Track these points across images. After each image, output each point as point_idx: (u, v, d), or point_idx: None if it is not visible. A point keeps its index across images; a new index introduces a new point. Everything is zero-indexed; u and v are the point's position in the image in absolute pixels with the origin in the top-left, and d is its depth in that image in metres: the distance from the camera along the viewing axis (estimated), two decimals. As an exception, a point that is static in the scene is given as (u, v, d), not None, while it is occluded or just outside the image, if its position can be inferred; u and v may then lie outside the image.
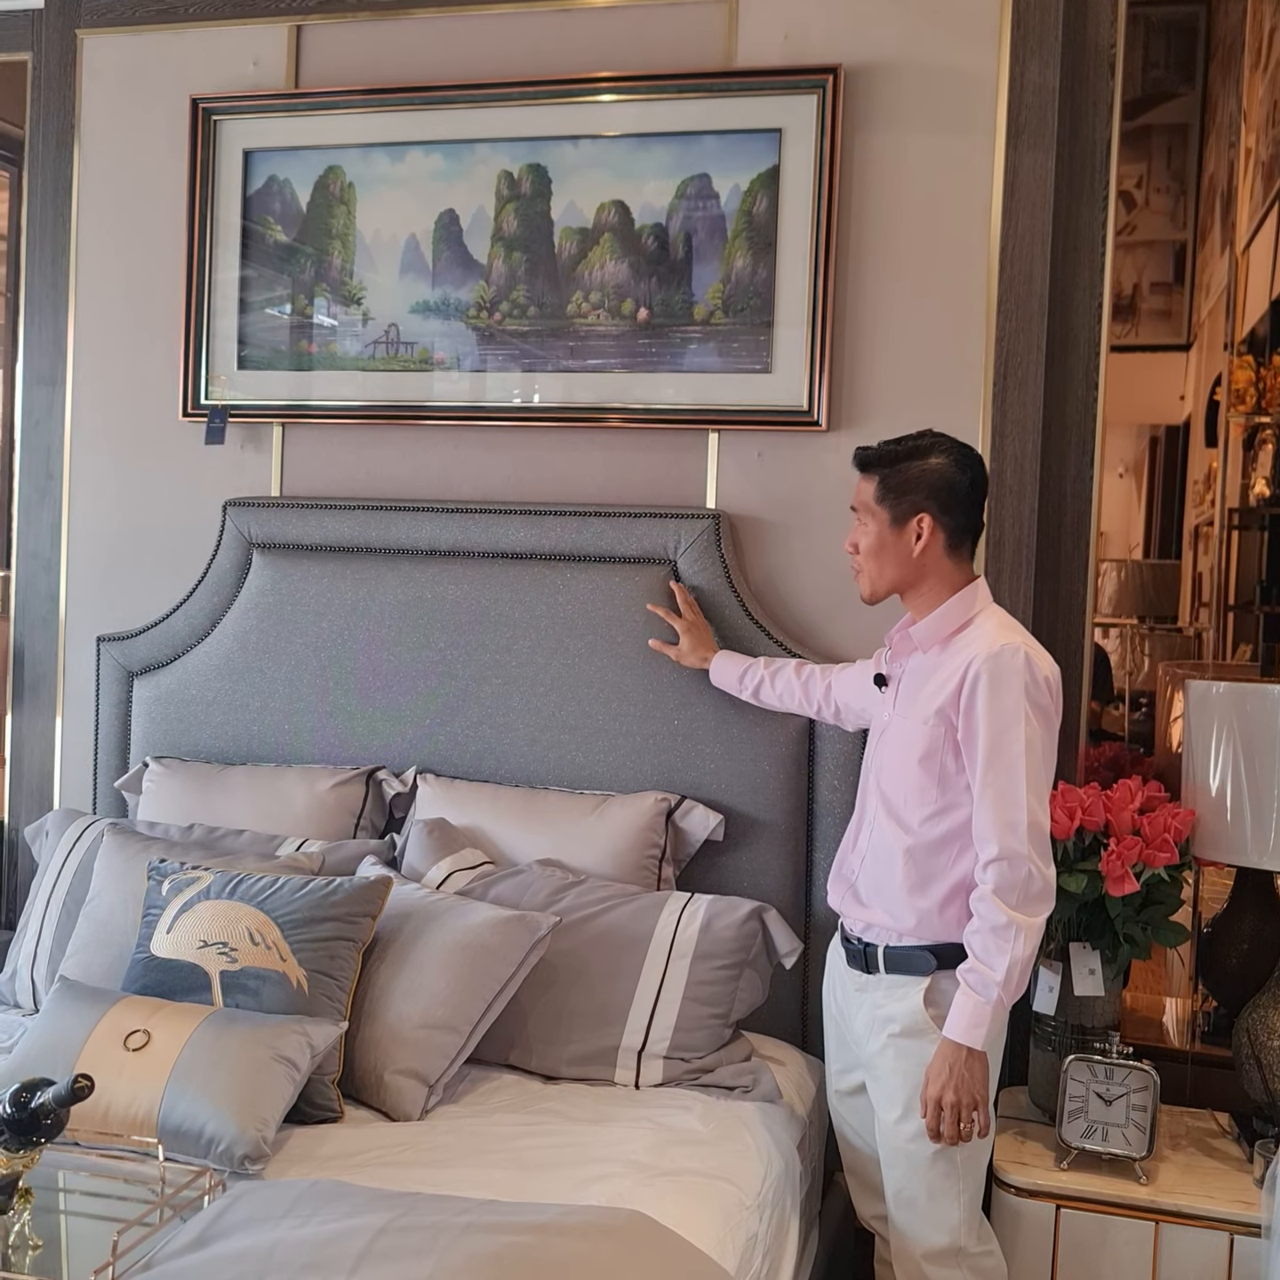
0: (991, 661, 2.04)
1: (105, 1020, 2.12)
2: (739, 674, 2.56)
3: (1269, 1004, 2.35)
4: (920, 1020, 2.09)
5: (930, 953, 2.10)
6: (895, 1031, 2.11)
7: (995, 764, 2.02)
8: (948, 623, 2.14)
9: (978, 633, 2.10)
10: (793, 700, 2.51)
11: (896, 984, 2.12)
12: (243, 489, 3.05)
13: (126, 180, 3.13)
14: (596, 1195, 1.92)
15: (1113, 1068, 2.30)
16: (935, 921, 2.10)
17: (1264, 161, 3.02)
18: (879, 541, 2.16)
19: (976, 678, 2.04)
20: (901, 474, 2.14)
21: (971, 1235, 2.14)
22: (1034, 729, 2.03)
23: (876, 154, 2.69)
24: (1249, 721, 2.32)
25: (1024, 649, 2.05)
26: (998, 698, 2.03)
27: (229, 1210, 1.75)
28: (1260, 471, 3.01)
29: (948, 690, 2.08)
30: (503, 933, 2.33)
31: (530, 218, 2.86)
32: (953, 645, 2.12)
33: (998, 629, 2.10)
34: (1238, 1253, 2.19)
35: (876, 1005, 2.15)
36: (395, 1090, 2.21)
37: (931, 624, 2.15)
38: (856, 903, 2.19)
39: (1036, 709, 2.04)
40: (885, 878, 2.14)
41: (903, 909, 2.12)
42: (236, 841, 2.68)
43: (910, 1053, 2.10)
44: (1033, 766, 2.02)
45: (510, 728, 2.78)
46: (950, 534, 2.14)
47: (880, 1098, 2.16)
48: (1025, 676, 2.03)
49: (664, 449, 2.82)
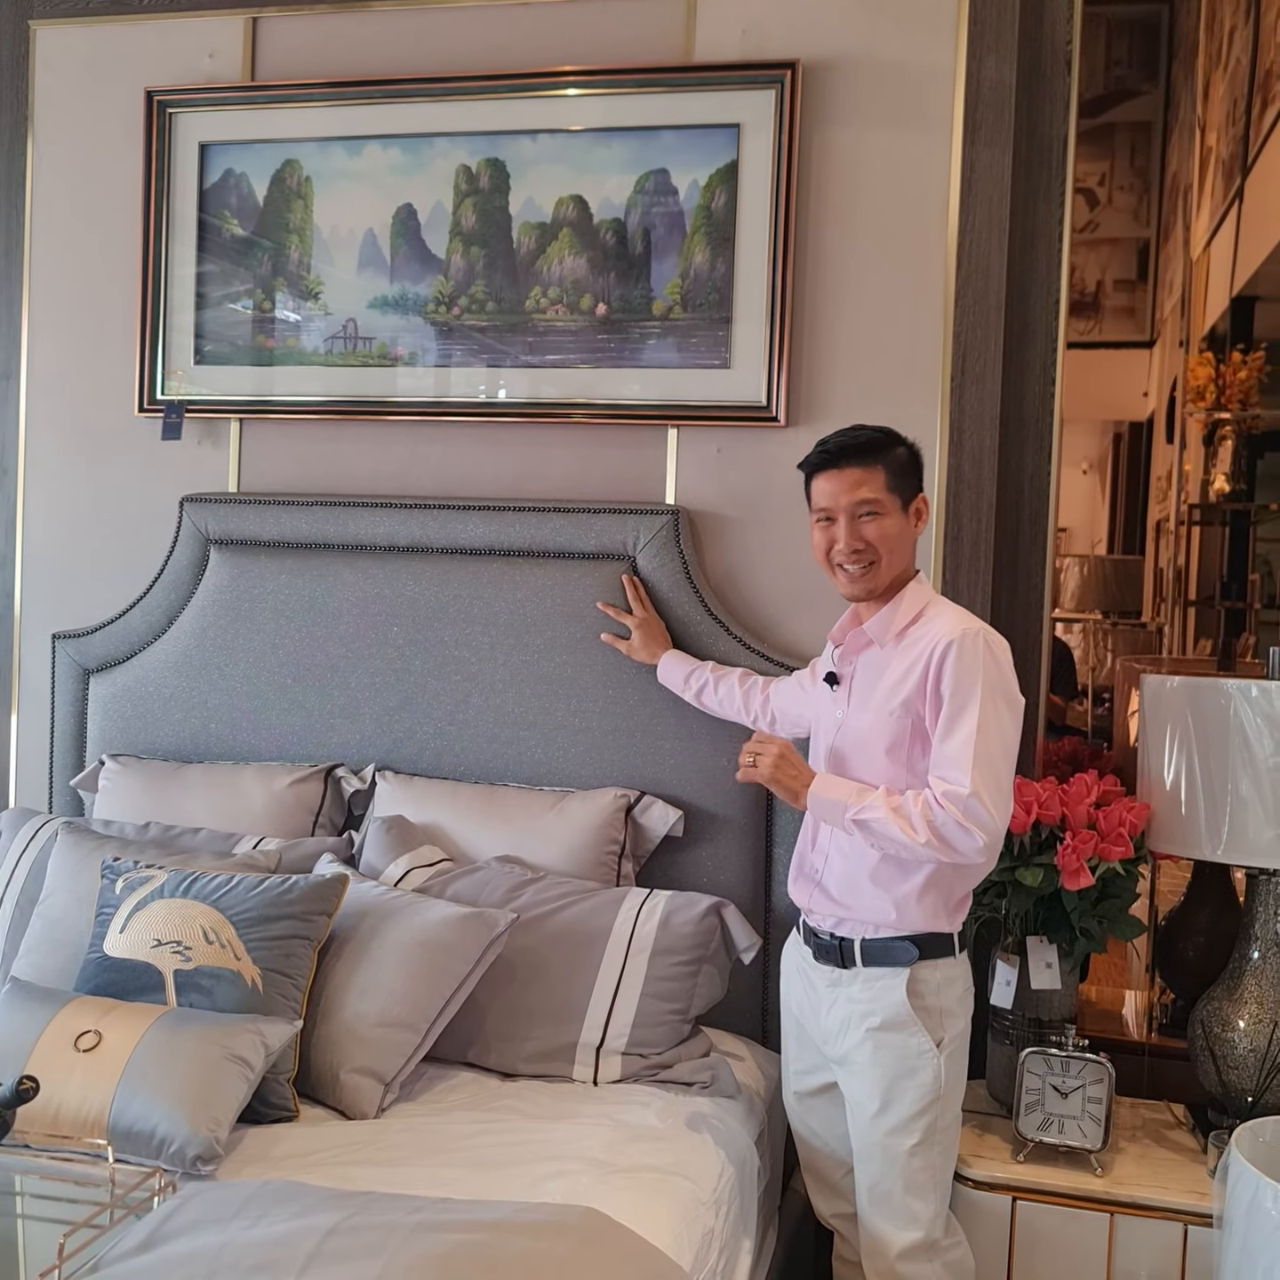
0: (955, 647, 2.03)
1: (56, 1021, 2.10)
2: (685, 674, 2.57)
3: (1223, 996, 2.37)
4: (904, 1013, 2.08)
5: (911, 942, 2.09)
6: (875, 1025, 2.10)
7: (955, 734, 2.02)
8: (904, 615, 2.14)
9: (935, 623, 2.10)
10: (731, 706, 2.52)
11: (875, 976, 2.11)
12: (200, 485, 3.03)
13: (81, 173, 3.10)
14: (552, 1192, 1.92)
15: (1068, 1060, 2.31)
16: (914, 911, 2.09)
17: (1224, 160, 3.04)
18: (893, 529, 2.12)
19: (942, 663, 2.04)
20: (900, 460, 2.14)
21: (942, 1228, 2.15)
22: (991, 713, 2.01)
23: (834, 149, 2.69)
24: (1203, 715, 2.33)
25: (983, 635, 2.06)
26: (961, 681, 2.02)
27: (178, 1212, 1.74)
28: (1220, 468, 3.03)
29: (912, 680, 2.07)
30: (460, 930, 2.32)
31: (489, 212, 2.85)
32: (908, 637, 2.12)
33: (955, 617, 2.10)
34: (1192, 1243, 2.21)
35: (853, 1000, 2.13)
36: (351, 1089, 2.19)
37: (887, 617, 2.15)
38: (827, 899, 2.17)
39: (1001, 697, 2.04)
40: (857, 872, 2.12)
41: (882, 901, 2.10)
42: (193, 840, 2.66)
43: (889, 1045, 2.10)
44: (987, 744, 2.00)
45: (469, 724, 2.77)
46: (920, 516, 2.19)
47: (856, 1092, 2.15)
48: (988, 661, 2.04)
49: (624, 445, 2.81)
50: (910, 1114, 2.10)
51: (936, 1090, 2.09)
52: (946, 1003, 2.11)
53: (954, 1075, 2.12)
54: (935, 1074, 2.09)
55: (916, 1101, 2.09)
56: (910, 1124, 2.10)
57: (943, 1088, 2.09)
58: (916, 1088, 2.09)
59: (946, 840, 1.99)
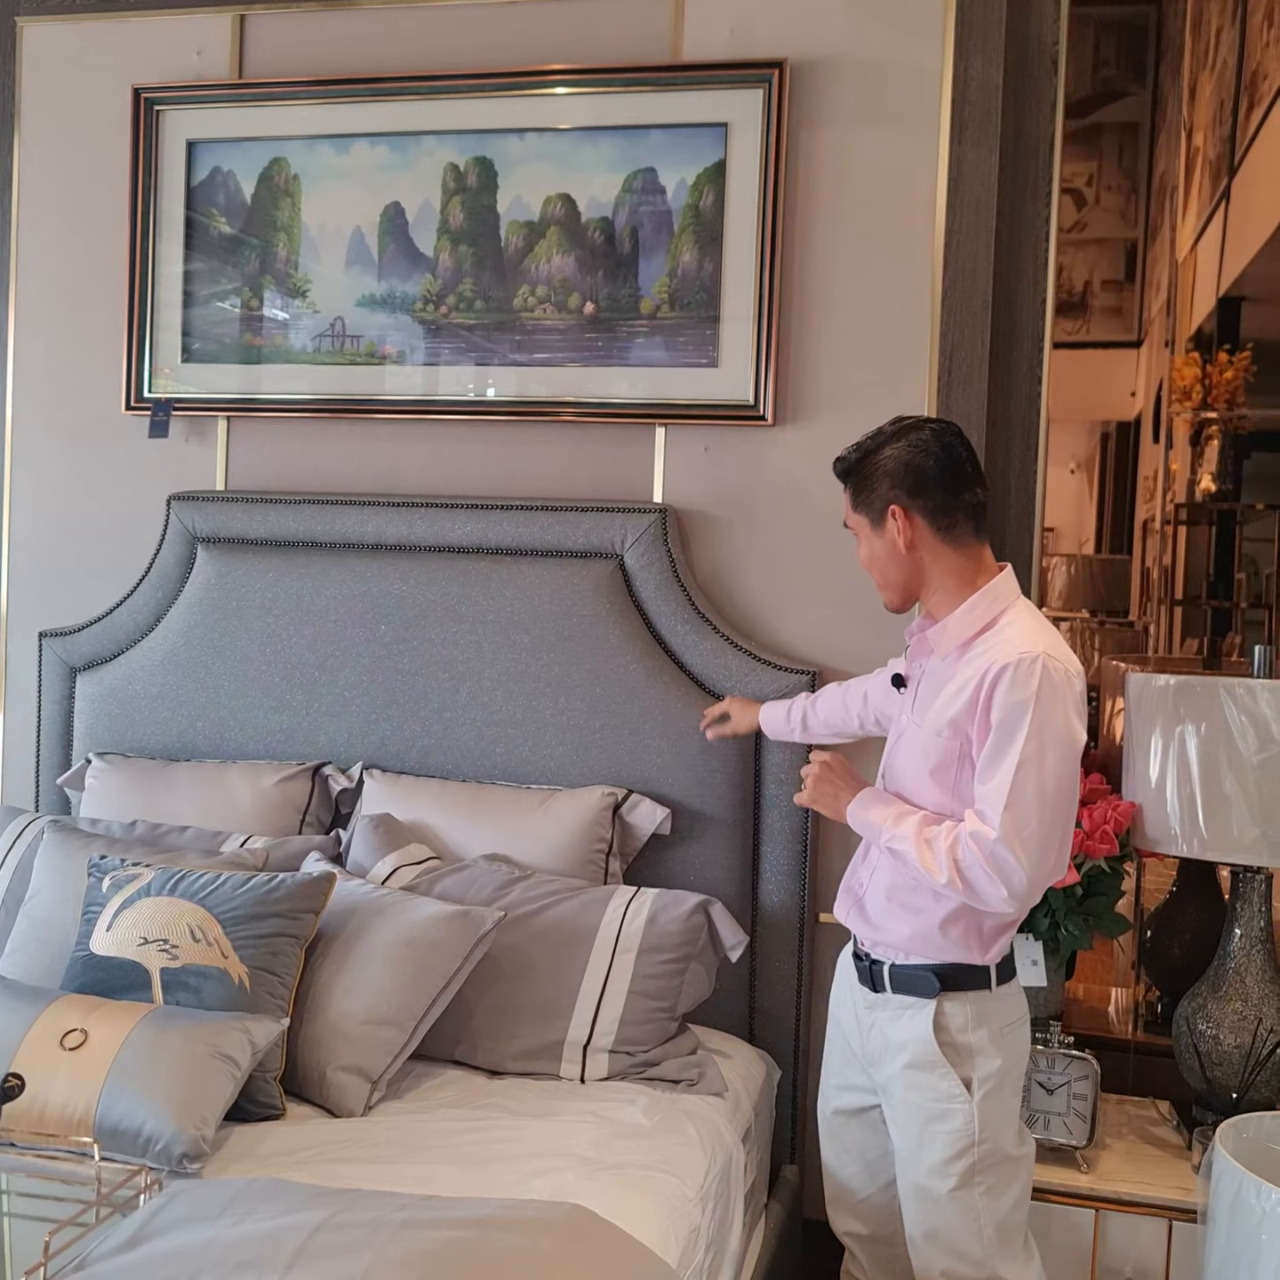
0: (1010, 673, 1.88)
1: (41, 1019, 2.09)
2: (785, 711, 2.46)
3: (1207, 993, 2.38)
4: (930, 1051, 1.99)
5: (934, 974, 1.99)
6: (906, 1061, 2.02)
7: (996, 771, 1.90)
8: (968, 626, 1.98)
9: (1000, 638, 1.94)
10: (834, 716, 2.38)
11: (903, 1005, 2.03)
12: (187, 483, 3.03)
13: (68, 171, 3.10)
14: (539, 1189, 1.92)
15: (1054, 1057, 2.32)
16: (938, 939, 1.99)
17: (1211, 160, 3.05)
18: (869, 550, 2.05)
19: (994, 688, 1.89)
20: (863, 476, 2.04)
21: (1005, 1263, 2.02)
22: (1035, 751, 1.86)
23: (822, 149, 2.69)
24: (1187, 713, 2.34)
25: (1043, 659, 1.88)
26: (1011, 713, 1.88)
27: (164, 1209, 1.73)
28: (1206, 467, 3.04)
29: (962, 700, 1.93)
30: (447, 928, 2.32)
31: (477, 211, 2.85)
32: (974, 649, 1.96)
33: (1022, 634, 1.93)
34: (1176, 1238, 2.22)
35: (885, 1029, 2.06)
36: (338, 1087, 2.19)
37: (951, 627, 1.99)
38: (862, 919, 2.09)
39: (1052, 733, 1.88)
40: (891, 892, 2.03)
41: (907, 926, 2.01)
42: (180, 838, 2.66)
43: (920, 1085, 2.01)
44: (1024, 786, 1.86)
45: (457, 722, 2.77)
46: (931, 517, 1.99)
47: (894, 1126, 2.08)
48: (1045, 691, 1.87)
49: (611, 443, 2.82)
50: (943, 1159, 2.00)
51: (970, 1135, 1.98)
52: (976, 1041, 1.99)
53: (994, 1115, 1.99)
54: (967, 1119, 1.98)
55: (948, 1147, 1.99)
56: (945, 1168, 2.00)
57: (977, 1132, 1.98)
58: (948, 1133, 1.99)
59: (970, 884, 1.88)
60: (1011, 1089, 2.03)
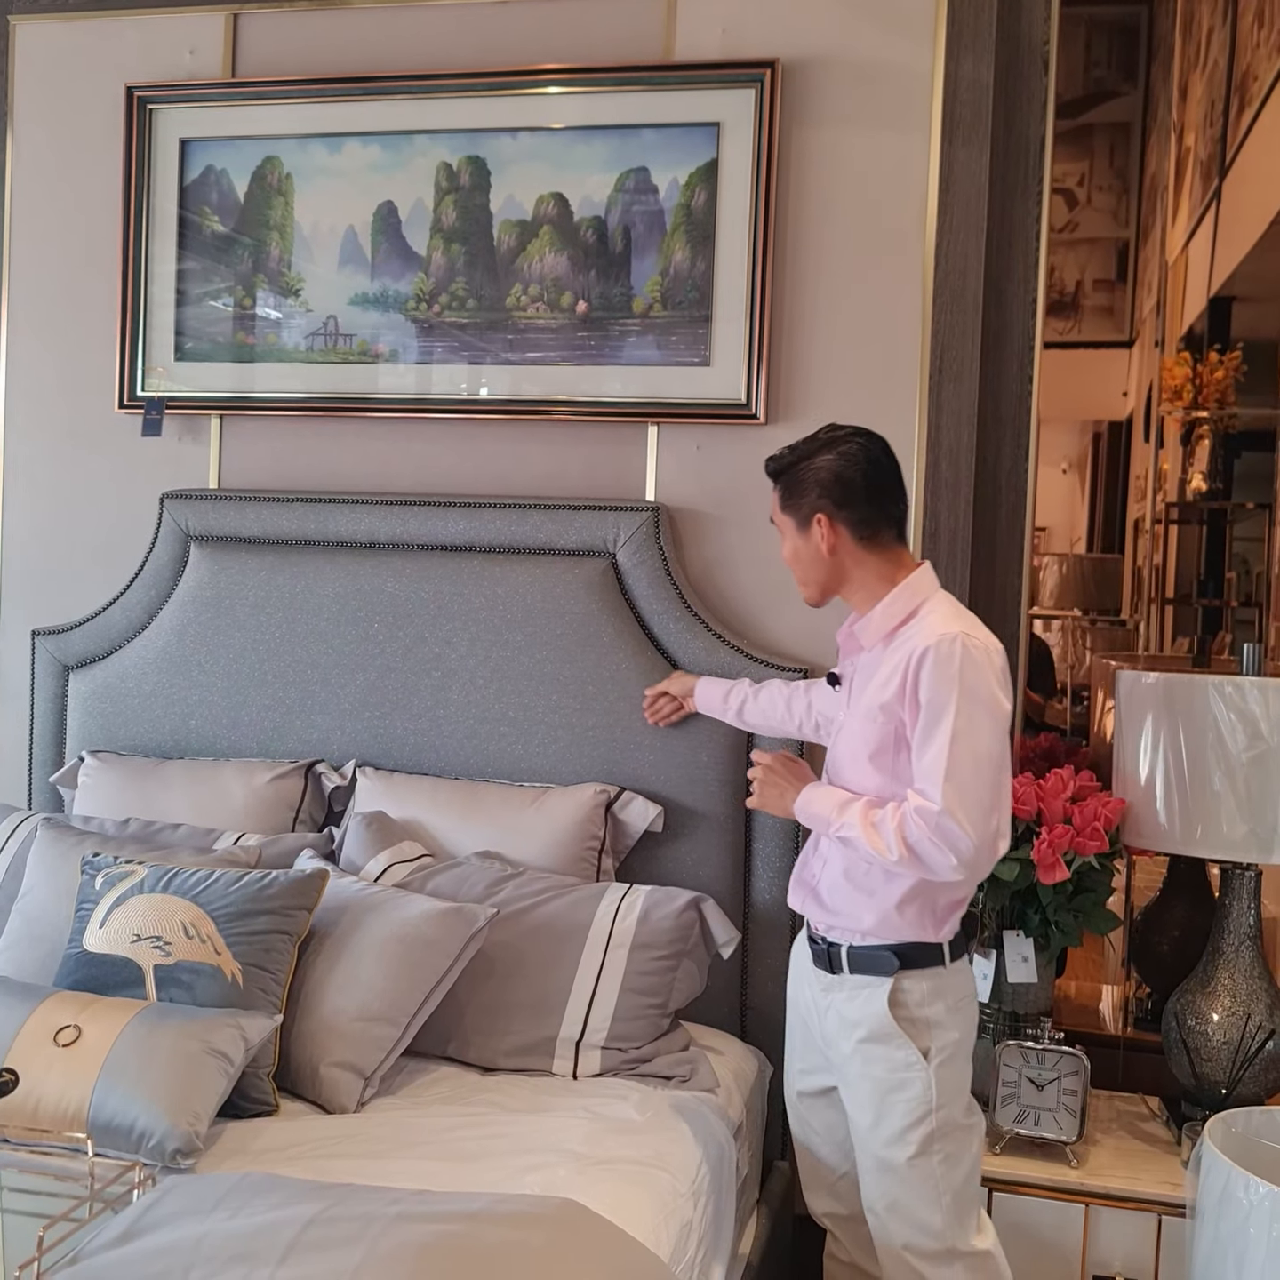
0: (932, 653, 1.97)
1: (35, 1016, 2.10)
2: (723, 693, 2.52)
3: (1196, 990, 2.39)
4: (886, 1024, 2.04)
5: (893, 953, 2.05)
6: (862, 1036, 2.07)
7: (930, 746, 1.97)
8: (890, 618, 2.08)
9: (921, 625, 2.04)
10: (774, 714, 2.45)
11: (860, 985, 2.08)
12: (180, 481, 3.03)
13: (61, 170, 3.10)
14: (531, 1185, 1.92)
15: (1044, 1053, 2.33)
16: (896, 921, 2.05)
17: (1202, 160, 3.06)
18: (793, 549, 2.14)
19: (919, 670, 1.99)
20: (794, 480, 2.10)
21: (963, 1234, 2.08)
22: (966, 723, 1.95)
23: (813, 148, 2.70)
24: (1177, 711, 2.35)
25: (961, 638, 1.98)
26: (938, 690, 1.97)
27: (157, 1204, 1.74)
28: (1197, 467, 3.05)
29: (892, 686, 2.02)
30: (440, 925, 2.33)
31: (469, 210, 2.86)
32: (897, 639, 2.07)
33: (940, 620, 2.03)
34: (1165, 1233, 2.23)
35: (841, 1008, 2.11)
36: (331, 1083, 2.20)
37: (875, 620, 2.10)
38: (818, 905, 2.14)
39: (980, 705, 1.96)
40: (846, 878, 2.09)
41: (864, 909, 2.06)
42: (173, 835, 2.66)
43: (877, 1058, 2.06)
44: (960, 756, 1.94)
45: (449, 720, 2.77)
46: (854, 527, 2.08)
47: (851, 1104, 2.12)
48: (966, 667, 1.96)
49: (604, 442, 2.82)
50: (902, 1126, 2.05)
51: (928, 1101, 2.04)
52: (934, 1014, 2.06)
53: (950, 1084, 2.06)
54: (925, 1085, 2.04)
55: (908, 1114, 2.05)
56: (904, 1136, 2.05)
57: (935, 1099, 2.04)
58: (907, 1100, 2.04)
59: (920, 857, 1.94)
60: (964, 1059, 2.10)
